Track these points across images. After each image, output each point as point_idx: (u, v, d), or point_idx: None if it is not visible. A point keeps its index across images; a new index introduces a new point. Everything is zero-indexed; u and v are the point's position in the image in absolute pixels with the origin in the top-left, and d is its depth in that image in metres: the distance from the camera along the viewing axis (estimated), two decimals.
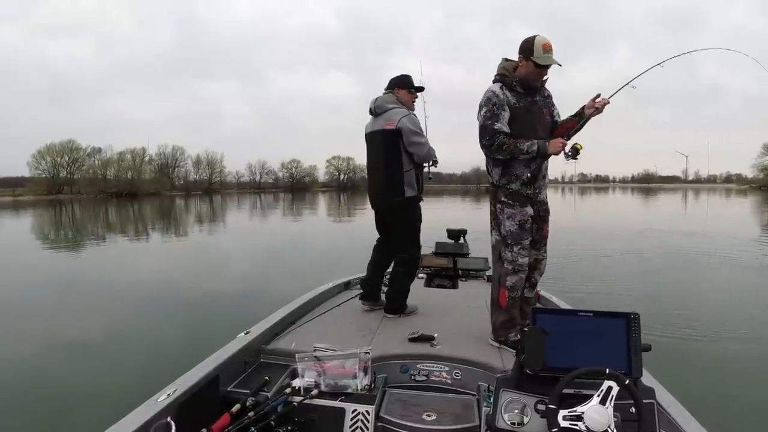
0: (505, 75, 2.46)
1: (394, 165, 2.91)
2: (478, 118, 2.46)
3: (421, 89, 3.10)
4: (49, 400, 3.42)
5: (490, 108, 2.40)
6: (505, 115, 2.40)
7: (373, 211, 3.19)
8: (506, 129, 2.39)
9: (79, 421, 3.08)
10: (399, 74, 3.07)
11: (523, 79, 2.42)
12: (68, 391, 3.58)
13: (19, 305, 6.34)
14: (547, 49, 2.34)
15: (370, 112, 3.04)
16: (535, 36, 2.36)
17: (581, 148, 2.30)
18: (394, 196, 2.94)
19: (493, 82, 2.50)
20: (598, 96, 2.44)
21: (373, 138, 3.02)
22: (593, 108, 2.44)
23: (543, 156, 2.40)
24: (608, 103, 2.42)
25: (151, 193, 64.45)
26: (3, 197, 56.96)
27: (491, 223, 2.55)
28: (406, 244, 3.04)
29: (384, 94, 3.04)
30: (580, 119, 2.49)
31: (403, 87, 3.03)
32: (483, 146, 2.45)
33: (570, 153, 2.31)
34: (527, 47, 2.38)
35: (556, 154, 2.35)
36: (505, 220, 2.44)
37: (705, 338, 4.52)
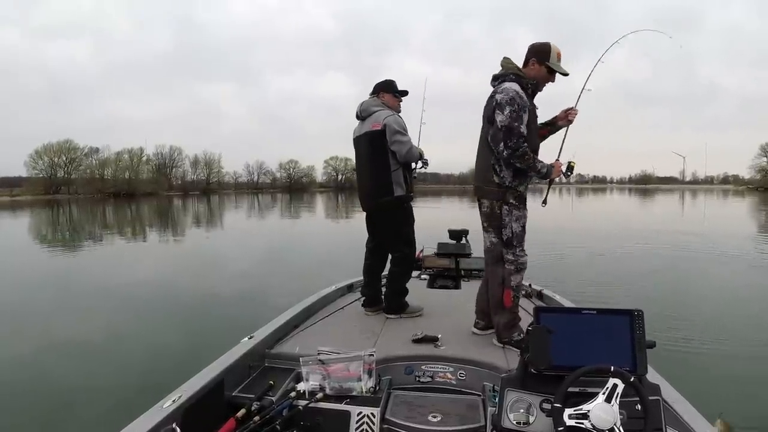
0: (521, 75, 2.40)
1: (381, 165, 2.92)
2: (497, 117, 2.32)
3: (405, 93, 3.12)
4: (49, 407, 3.36)
5: (515, 108, 2.29)
6: (525, 117, 2.33)
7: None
8: (526, 133, 2.34)
9: (83, 428, 3.07)
10: (384, 79, 3.11)
11: (537, 82, 2.42)
12: (69, 397, 3.51)
13: (17, 307, 6.28)
14: (559, 58, 2.41)
15: (357, 117, 3.06)
16: (548, 42, 2.41)
17: (575, 165, 2.50)
18: (383, 196, 2.94)
19: (502, 81, 2.40)
20: (570, 109, 2.56)
21: (360, 141, 3.03)
22: (565, 119, 2.56)
23: (544, 178, 2.45)
24: (578, 111, 2.55)
25: (149, 193, 64.22)
26: (0, 197, 56.70)
27: (488, 224, 2.50)
28: (399, 243, 3.04)
29: (369, 98, 3.07)
30: (552, 128, 2.60)
31: (389, 91, 3.06)
32: (507, 148, 2.30)
33: (567, 174, 2.47)
34: (542, 50, 2.39)
35: (556, 177, 2.44)
36: (513, 222, 2.43)
37: (706, 336, 4.53)
